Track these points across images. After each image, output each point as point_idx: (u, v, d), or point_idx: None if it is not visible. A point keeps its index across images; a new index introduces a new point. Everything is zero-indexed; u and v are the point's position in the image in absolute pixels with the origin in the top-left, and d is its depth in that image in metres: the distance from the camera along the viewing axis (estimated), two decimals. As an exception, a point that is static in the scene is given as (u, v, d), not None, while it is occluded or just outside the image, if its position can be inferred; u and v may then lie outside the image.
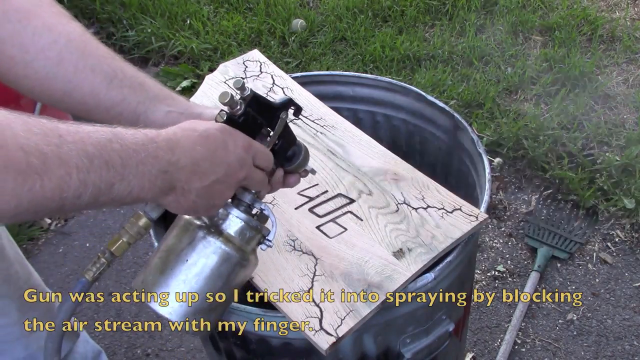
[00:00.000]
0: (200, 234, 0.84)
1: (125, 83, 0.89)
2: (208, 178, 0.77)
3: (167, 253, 0.85)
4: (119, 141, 0.69)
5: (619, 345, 1.98)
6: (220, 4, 3.50)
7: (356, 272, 1.08)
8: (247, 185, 0.85)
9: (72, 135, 0.66)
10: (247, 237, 0.87)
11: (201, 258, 0.83)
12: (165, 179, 0.73)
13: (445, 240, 1.13)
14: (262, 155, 0.85)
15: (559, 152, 2.53)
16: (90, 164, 0.65)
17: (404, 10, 3.29)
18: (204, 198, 0.78)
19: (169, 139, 0.74)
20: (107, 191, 0.68)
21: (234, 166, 0.80)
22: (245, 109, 0.85)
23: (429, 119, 1.46)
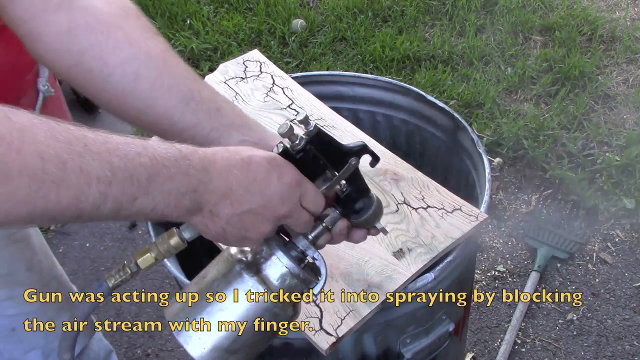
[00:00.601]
0: (236, 268, 0.78)
1: (200, 107, 0.84)
2: (241, 206, 0.72)
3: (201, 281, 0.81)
4: (149, 155, 0.66)
5: (619, 345, 1.98)
6: (220, 4, 3.50)
7: (356, 272, 1.08)
8: (288, 225, 0.78)
9: (99, 145, 0.63)
10: (287, 285, 0.79)
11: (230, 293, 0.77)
12: (193, 199, 0.69)
13: (445, 240, 1.13)
14: (312, 197, 0.77)
15: (559, 152, 2.53)
16: (114, 176, 0.63)
17: (404, 10, 3.29)
18: (235, 227, 0.73)
19: (205, 158, 0.70)
20: (129, 205, 0.65)
21: (274, 200, 0.73)
22: (305, 145, 0.77)
23: (429, 119, 1.46)
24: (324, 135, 0.79)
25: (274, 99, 1.45)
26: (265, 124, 1.39)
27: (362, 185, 0.83)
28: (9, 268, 1.23)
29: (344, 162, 0.80)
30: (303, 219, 0.77)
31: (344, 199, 0.82)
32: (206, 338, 0.77)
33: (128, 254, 2.40)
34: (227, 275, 0.78)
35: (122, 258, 2.39)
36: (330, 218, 0.81)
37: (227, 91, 1.47)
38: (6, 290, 1.28)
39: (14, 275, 1.26)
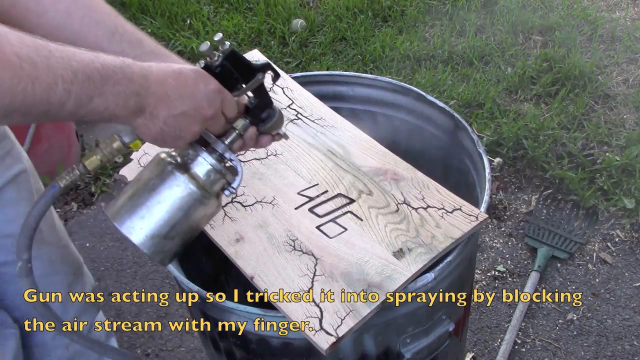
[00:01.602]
0: (169, 168, 0.92)
1: (124, 38, 0.98)
2: (176, 108, 0.85)
3: (137, 182, 0.95)
4: (100, 62, 0.79)
5: (619, 345, 1.98)
6: (220, 4, 3.50)
7: (356, 272, 1.09)
8: (210, 127, 0.92)
9: (60, 52, 0.76)
10: (212, 179, 0.95)
11: (165, 189, 0.92)
12: (137, 101, 0.82)
13: (445, 240, 1.13)
14: (229, 103, 0.93)
15: (559, 152, 2.53)
16: (74, 76, 0.75)
17: (404, 10, 3.29)
18: (171, 127, 0.86)
19: (144, 68, 0.84)
20: (87, 103, 0.77)
21: (202, 103, 0.87)
22: (222, 61, 0.92)
23: (429, 119, 1.46)
24: (237, 54, 0.94)
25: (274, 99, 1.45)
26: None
27: (267, 98, 1.00)
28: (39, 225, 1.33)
29: (253, 77, 0.96)
30: (222, 122, 0.93)
31: (252, 110, 0.99)
32: (147, 227, 0.91)
33: (128, 254, 2.40)
34: (161, 175, 0.92)
35: (122, 258, 2.39)
36: (242, 125, 0.97)
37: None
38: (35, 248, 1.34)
39: (41, 232, 1.31)
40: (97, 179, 2.68)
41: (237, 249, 1.16)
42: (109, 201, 0.97)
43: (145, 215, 0.91)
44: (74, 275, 1.48)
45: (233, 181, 0.98)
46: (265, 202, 1.24)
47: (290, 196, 1.24)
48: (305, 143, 1.35)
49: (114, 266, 2.37)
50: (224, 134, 0.96)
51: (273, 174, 1.29)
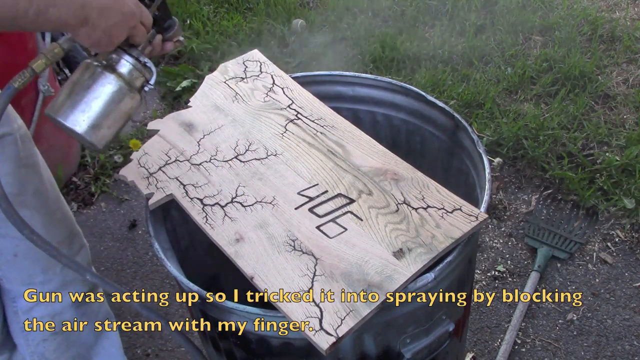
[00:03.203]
0: (99, 69, 1.11)
1: None
2: (111, 19, 1.05)
3: (73, 84, 1.11)
4: None
5: (619, 345, 1.98)
6: (220, 4, 3.50)
7: (356, 272, 1.09)
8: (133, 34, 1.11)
9: None
10: (134, 77, 1.15)
11: (99, 87, 1.11)
12: (82, 12, 1.01)
13: (445, 240, 1.13)
14: (146, 15, 1.13)
15: (559, 152, 2.53)
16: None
17: (404, 10, 3.29)
18: (107, 35, 1.06)
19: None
20: (45, 12, 0.95)
21: (128, 15, 1.08)
22: None
23: (429, 119, 1.46)
24: None
25: (274, 99, 1.45)
26: (266, 124, 1.39)
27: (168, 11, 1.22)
28: (19, 188, 1.41)
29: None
30: (142, 30, 1.14)
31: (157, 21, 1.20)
32: (88, 119, 1.09)
33: (128, 254, 2.40)
34: (93, 76, 1.11)
35: (122, 258, 2.39)
36: (151, 34, 1.17)
37: (227, 91, 1.47)
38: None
39: (22, 195, 1.41)
40: (97, 179, 2.68)
41: (237, 249, 1.16)
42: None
43: (85, 109, 1.09)
44: (59, 244, 1.50)
45: (150, 78, 1.18)
46: (265, 202, 1.24)
47: (290, 196, 1.24)
48: (305, 143, 1.35)
49: (114, 266, 2.37)
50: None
51: (273, 174, 1.29)
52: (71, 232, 1.58)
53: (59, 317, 1.58)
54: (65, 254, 1.22)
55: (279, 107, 1.43)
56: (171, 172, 1.30)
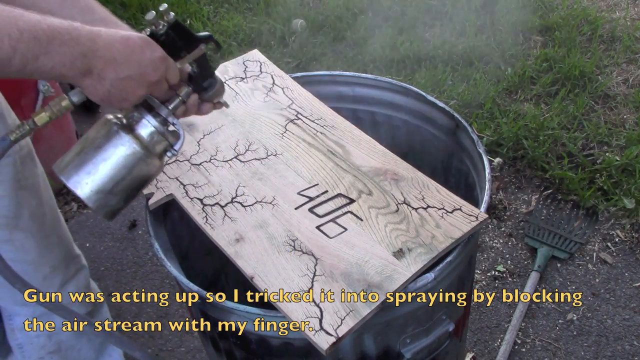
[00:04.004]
0: (114, 128, 0.98)
1: (75, 4, 1.03)
2: (122, 72, 0.91)
3: (85, 141, 1.00)
4: (47, 24, 0.84)
5: (619, 345, 1.98)
6: (220, 4, 3.50)
7: (356, 272, 1.09)
8: (154, 92, 0.98)
9: (7, 12, 0.81)
10: (155, 140, 1.01)
11: (111, 147, 0.97)
12: (84, 62, 0.88)
13: (445, 240, 1.13)
14: (172, 70, 0.98)
15: (559, 152, 2.53)
16: (21, 35, 0.81)
17: (404, 10, 3.29)
18: (118, 89, 0.92)
19: (92, 32, 0.89)
20: (34, 61, 0.83)
21: (147, 69, 0.93)
22: (166, 30, 0.98)
23: (429, 119, 1.46)
24: (181, 24, 1.00)
25: (274, 99, 1.45)
26: (266, 124, 1.39)
27: (209, 67, 1.06)
28: (14, 211, 1.35)
29: (195, 47, 1.03)
30: (165, 88, 0.99)
31: (195, 78, 1.06)
32: (92, 182, 0.97)
33: (128, 254, 2.40)
34: (107, 135, 0.98)
35: (122, 258, 2.39)
36: (185, 92, 1.03)
37: (227, 91, 1.47)
38: (7, 232, 1.36)
39: (17, 219, 1.36)
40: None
41: (237, 249, 1.16)
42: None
43: (92, 171, 0.97)
44: (52, 268, 1.47)
45: (175, 143, 1.03)
46: (265, 202, 1.24)
47: (290, 196, 1.24)
48: (305, 143, 1.35)
49: (114, 266, 2.37)
50: (169, 99, 1.02)
51: (273, 174, 1.29)
52: (67, 256, 1.54)
53: (55, 337, 1.56)
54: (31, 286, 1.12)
55: (279, 107, 1.43)
56: (171, 172, 1.30)
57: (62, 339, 1.56)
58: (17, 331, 1.53)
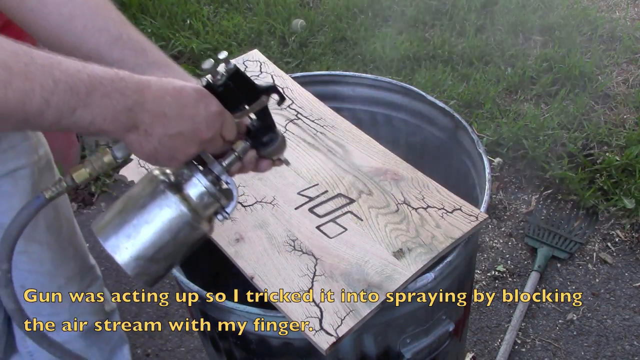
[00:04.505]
0: (161, 187, 0.88)
1: (127, 46, 0.94)
2: (173, 128, 0.81)
3: (127, 198, 0.91)
4: (88, 73, 0.74)
5: (619, 345, 1.98)
6: (220, 4, 3.50)
7: (356, 272, 1.09)
8: (207, 149, 0.88)
9: (43, 59, 0.72)
10: (205, 202, 0.90)
11: (155, 208, 0.87)
12: (129, 117, 0.78)
13: (445, 240, 1.13)
14: (230, 126, 0.88)
15: (559, 152, 2.53)
16: (55, 86, 0.71)
17: (404, 10, 3.29)
18: (166, 147, 0.82)
19: (140, 82, 0.79)
20: (69, 115, 0.73)
21: (200, 125, 0.83)
22: (225, 81, 0.88)
23: (429, 119, 1.46)
24: (241, 74, 0.90)
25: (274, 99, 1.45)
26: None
27: (270, 121, 0.96)
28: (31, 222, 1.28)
29: (257, 99, 0.92)
30: (220, 145, 0.89)
31: (254, 133, 0.95)
32: (132, 247, 0.86)
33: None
34: (152, 194, 0.88)
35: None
36: (242, 148, 0.92)
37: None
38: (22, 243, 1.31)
39: (33, 230, 1.32)
40: (97, 179, 2.68)
41: (237, 249, 1.16)
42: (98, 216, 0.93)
43: (132, 235, 0.87)
44: (67, 279, 1.46)
45: (227, 205, 0.93)
46: (265, 202, 1.24)
47: (290, 196, 1.24)
48: (305, 143, 1.35)
49: (114, 266, 2.37)
50: (222, 154, 0.92)
51: (273, 174, 1.29)
52: (82, 267, 1.53)
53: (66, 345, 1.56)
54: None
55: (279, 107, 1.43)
56: (171, 172, 1.30)
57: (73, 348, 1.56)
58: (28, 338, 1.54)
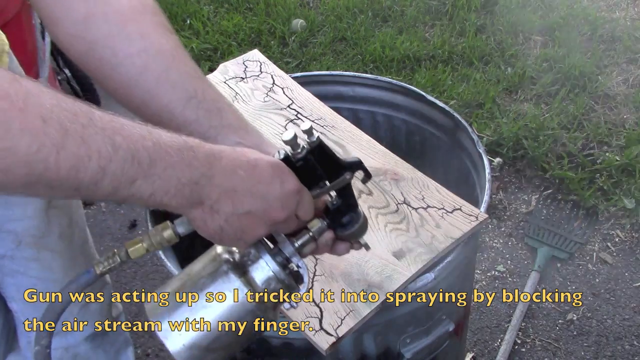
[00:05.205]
0: (224, 267, 0.79)
1: (202, 105, 0.86)
2: (242, 206, 0.73)
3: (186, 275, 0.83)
4: (153, 139, 0.67)
5: (619, 345, 1.98)
6: (220, 4, 3.50)
7: (356, 272, 1.08)
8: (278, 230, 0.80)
9: (104, 122, 0.64)
10: (272, 287, 0.80)
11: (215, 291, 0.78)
12: (194, 191, 0.70)
13: (445, 241, 1.13)
14: (307, 205, 0.79)
15: (559, 152, 2.53)
16: (115, 153, 0.63)
17: (404, 10, 3.29)
18: (232, 227, 0.74)
19: (211, 154, 0.71)
20: (128, 186, 0.65)
21: (274, 205, 0.75)
22: (306, 154, 0.80)
23: (429, 119, 1.46)
24: (325, 148, 0.81)
25: (274, 99, 1.45)
26: (265, 124, 1.39)
27: (352, 200, 0.85)
28: (44, 230, 1.27)
29: (339, 175, 0.82)
30: (294, 226, 0.80)
31: (333, 212, 0.84)
32: (186, 335, 0.77)
33: (128, 254, 2.40)
34: (214, 274, 0.79)
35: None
36: (318, 228, 0.82)
37: (227, 91, 1.47)
38: (35, 250, 1.32)
39: (46, 237, 1.29)
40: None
41: (237, 249, 1.15)
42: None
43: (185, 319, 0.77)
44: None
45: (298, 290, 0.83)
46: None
47: (290, 196, 1.24)
48: (305, 143, 1.35)
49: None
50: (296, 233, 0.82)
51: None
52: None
53: (72, 350, 1.55)
54: None
55: (279, 107, 1.43)
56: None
57: (78, 352, 1.56)
58: None
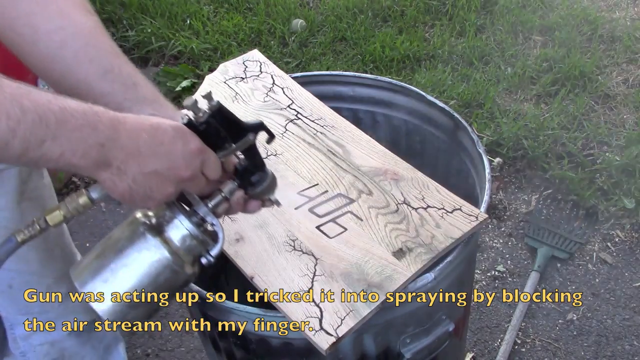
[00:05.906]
0: (140, 229, 0.85)
1: (118, 79, 0.91)
2: (147, 166, 0.78)
3: (106, 241, 0.87)
4: (59, 104, 0.72)
5: (619, 345, 1.98)
6: (220, 4, 3.50)
7: (356, 272, 1.09)
8: (188, 188, 0.85)
9: (13, 89, 0.69)
10: (187, 245, 0.86)
11: (134, 252, 0.84)
12: (101, 153, 0.75)
13: (445, 240, 1.13)
14: (213, 165, 0.84)
15: (559, 152, 2.53)
16: (23, 115, 0.69)
17: (404, 10, 3.29)
18: (141, 186, 0.79)
19: (115, 118, 0.77)
20: (37, 147, 0.70)
21: (177, 163, 0.80)
22: (207, 119, 0.85)
23: (429, 119, 1.46)
24: (225, 111, 0.86)
25: (274, 99, 1.45)
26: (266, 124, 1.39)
27: (259, 159, 0.92)
28: (16, 223, 1.29)
29: (243, 136, 0.88)
30: (202, 184, 0.85)
31: (242, 172, 0.91)
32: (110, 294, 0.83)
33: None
34: (131, 236, 0.85)
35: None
36: (229, 189, 0.89)
37: (227, 91, 1.47)
38: None
39: None
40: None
41: (237, 249, 1.16)
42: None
43: (109, 279, 0.83)
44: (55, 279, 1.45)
45: (212, 248, 0.89)
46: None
47: (290, 196, 1.24)
48: (305, 143, 1.35)
49: (114, 266, 2.37)
50: (209, 195, 0.88)
51: (273, 174, 1.29)
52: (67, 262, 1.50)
53: (58, 345, 1.55)
54: None
55: (279, 107, 1.43)
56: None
57: (65, 347, 1.56)
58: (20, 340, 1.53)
